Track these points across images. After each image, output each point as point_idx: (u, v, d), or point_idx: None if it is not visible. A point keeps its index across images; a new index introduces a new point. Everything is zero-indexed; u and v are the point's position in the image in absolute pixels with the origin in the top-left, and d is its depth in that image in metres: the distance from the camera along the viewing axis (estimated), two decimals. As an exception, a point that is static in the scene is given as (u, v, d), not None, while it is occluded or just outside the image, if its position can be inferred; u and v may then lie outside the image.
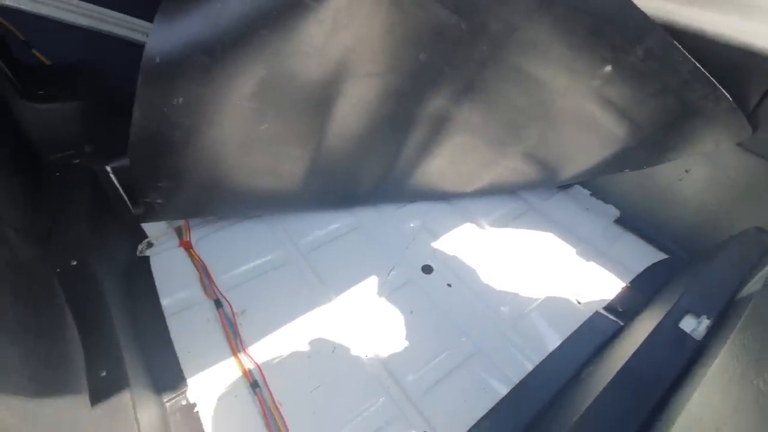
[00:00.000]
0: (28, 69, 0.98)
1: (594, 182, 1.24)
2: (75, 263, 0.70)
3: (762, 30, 0.82)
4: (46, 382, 0.45)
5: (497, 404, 0.74)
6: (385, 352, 0.83)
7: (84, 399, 0.52)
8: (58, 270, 0.66)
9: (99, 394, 0.56)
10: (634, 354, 0.72)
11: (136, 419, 0.56)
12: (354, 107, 0.87)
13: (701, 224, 1.03)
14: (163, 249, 1.01)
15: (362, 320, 0.89)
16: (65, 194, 0.81)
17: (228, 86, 0.70)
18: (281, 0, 0.62)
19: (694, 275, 0.90)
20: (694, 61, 0.80)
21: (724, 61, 0.82)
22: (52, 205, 0.79)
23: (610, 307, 0.94)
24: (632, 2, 0.74)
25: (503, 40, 0.81)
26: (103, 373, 0.59)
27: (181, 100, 0.68)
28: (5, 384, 0.38)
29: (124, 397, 0.58)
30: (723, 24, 0.85)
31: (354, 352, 0.83)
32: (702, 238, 1.03)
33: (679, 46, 0.78)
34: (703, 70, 0.80)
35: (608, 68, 0.85)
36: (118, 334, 0.64)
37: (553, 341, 0.87)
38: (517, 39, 0.81)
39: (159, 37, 0.62)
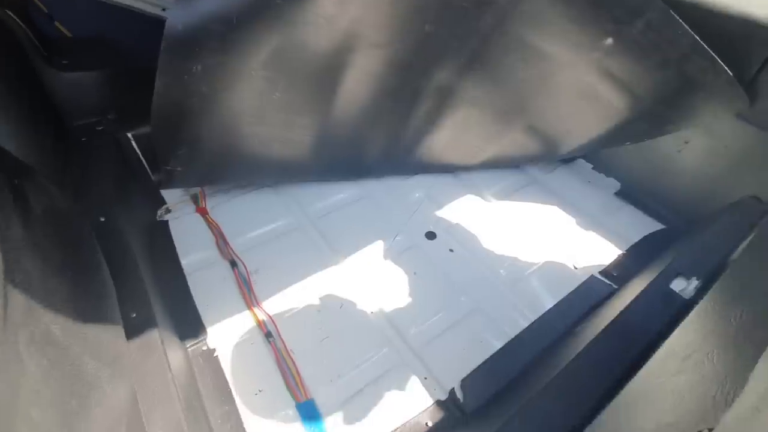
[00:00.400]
0: (51, 40, 1.03)
1: (596, 156, 1.26)
2: (103, 219, 0.76)
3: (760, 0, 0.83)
4: (90, 310, 0.51)
5: (492, 355, 0.80)
6: (389, 308, 0.89)
7: (120, 331, 0.58)
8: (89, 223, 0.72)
9: (132, 331, 0.62)
10: (625, 309, 0.76)
11: (166, 357, 0.63)
12: (361, 78, 0.90)
13: (699, 194, 1.06)
14: (180, 214, 1.06)
15: (368, 280, 0.94)
16: (91, 158, 0.86)
17: (243, 55, 0.74)
18: None
19: (688, 241, 0.94)
20: (693, 34, 0.81)
21: (722, 32, 0.84)
22: (78, 167, 0.84)
23: (605, 272, 0.98)
24: None
25: (508, 11, 0.83)
26: (134, 315, 0.66)
27: (199, 67, 0.73)
28: (56, 305, 0.44)
29: (154, 337, 0.64)
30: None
31: (360, 307, 0.89)
32: (700, 208, 1.05)
33: (679, 19, 0.80)
34: (702, 43, 0.82)
35: (609, 41, 0.86)
36: (145, 283, 0.70)
37: (548, 302, 0.92)
38: (521, 11, 0.83)
39: (181, 7, 0.66)
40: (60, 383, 0.37)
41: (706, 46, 0.82)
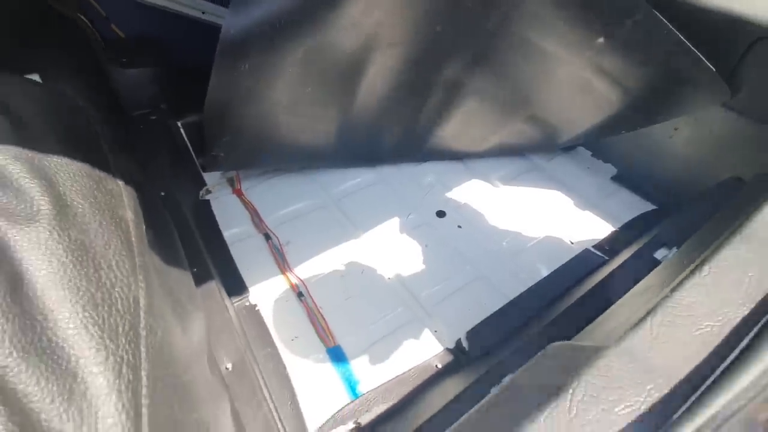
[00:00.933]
0: (108, 41, 1.18)
1: (594, 143, 1.36)
2: (164, 194, 0.90)
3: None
4: (175, 259, 0.65)
5: (494, 312, 0.92)
6: (404, 274, 1.02)
7: (191, 278, 0.72)
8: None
9: (196, 281, 0.76)
10: (610, 273, 0.88)
11: (224, 301, 0.76)
12: (379, 73, 1.03)
13: (688, 176, 1.16)
14: (219, 195, 1.20)
15: (385, 251, 1.07)
16: (148, 143, 1.01)
17: (283, 54, 0.87)
18: None
19: (674, 217, 1.04)
20: (677, 33, 0.90)
21: (705, 27, 0.93)
22: (139, 151, 0.99)
23: (598, 246, 1.09)
24: None
25: (510, 13, 0.94)
26: (195, 269, 0.80)
27: (247, 66, 0.86)
28: (160, 252, 0.57)
29: (212, 286, 0.78)
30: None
31: (379, 273, 1.02)
32: (689, 189, 1.15)
33: (664, 20, 0.89)
34: (685, 41, 0.91)
35: (601, 39, 0.97)
36: (201, 245, 0.84)
37: (545, 271, 1.03)
38: (522, 13, 0.94)
39: (235, 14, 0.79)
40: (167, 301, 0.50)
41: (689, 44, 0.91)
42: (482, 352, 0.85)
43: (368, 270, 1.03)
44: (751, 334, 0.32)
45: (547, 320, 0.84)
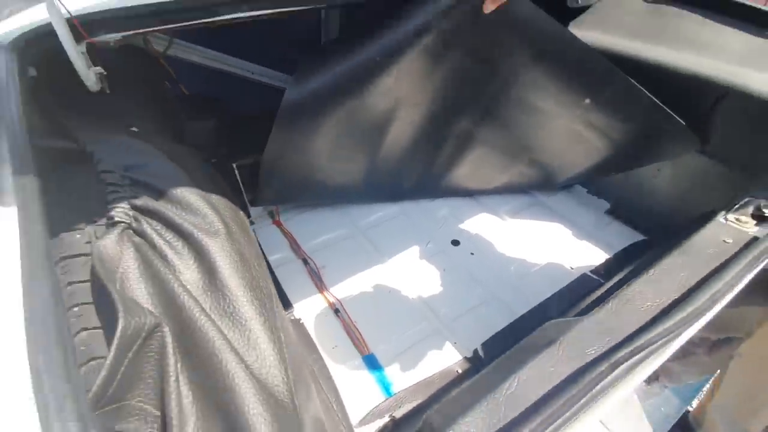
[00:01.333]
0: (177, 97, 1.41)
1: (589, 182, 1.55)
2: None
3: (705, 61, 1.12)
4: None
5: (503, 328, 1.07)
6: (425, 294, 1.17)
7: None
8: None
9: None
10: (605, 291, 1.03)
11: (277, 312, 0.92)
12: (403, 126, 1.23)
13: (672, 210, 1.32)
14: (261, 225, 1.39)
15: (408, 274, 1.23)
16: (212, 182, 1.20)
17: (328, 114, 1.08)
18: (365, 62, 0.99)
19: (656, 249, 1.20)
20: (651, 96, 1.10)
21: (679, 86, 1.12)
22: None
23: (595, 271, 1.24)
24: (599, 56, 1.07)
25: (511, 80, 1.14)
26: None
27: (300, 123, 1.07)
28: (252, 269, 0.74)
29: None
30: (676, 57, 1.16)
31: (403, 293, 1.18)
32: (673, 222, 1.31)
33: (638, 85, 1.09)
34: (658, 102, 1.10)
35: (587, 101, 1.17)
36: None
37: (549, 292, 1.18)
38: (521, 79, 1.14)
39: (294, 86, 1.00)
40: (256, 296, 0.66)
41: (661, 104, 1.11)
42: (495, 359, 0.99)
43: (394, 290, 1.19)
44: (676, 310, 0.48)
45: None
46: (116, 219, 0.53)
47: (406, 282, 1.21)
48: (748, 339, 1.08)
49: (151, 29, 0.79)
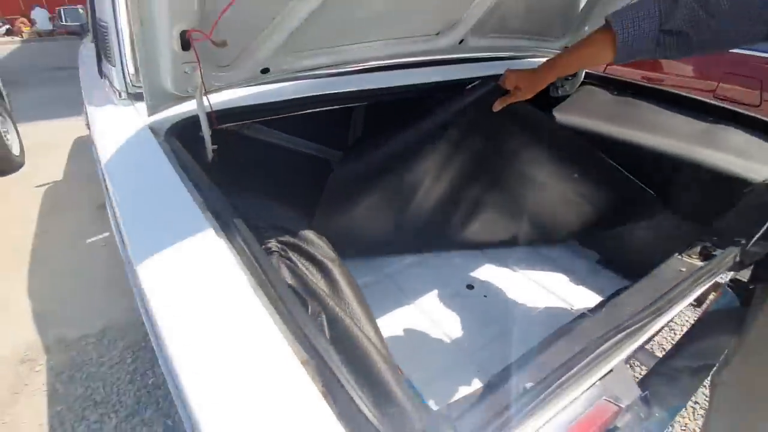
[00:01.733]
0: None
1: (581, 236, 1.81)
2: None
3: (662, 140, 1.43)
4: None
5: (517, 359, 1.25)
6: (447, 329, 1.37)
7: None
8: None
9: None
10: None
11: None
12: (426, 196, 1.52)
13: (648, 259, 1.56)
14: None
15: (431, 313, 1.44)
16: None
17: (371, 188, 1.36)
18: (402, 149, 1.30)
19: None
20: (623, 171, 1.41)
21: (642, 157, 1.42)
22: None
23: (590, 311, 1.45)
24: (582, 141, 1.39)
25: (513, 157, 1.46)
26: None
27: (344, 195, 1.34)
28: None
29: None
30: (639, 136, 1.47)
31: (427, 329, 1.37)
32: (650, 269, 1.55)
33: (613, 163, 1.40)
34: (629, 176, 1.41)
35: (576, 175, 1.48)
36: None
37: (552, 329, 1.38)
38: (521, 157, 1.46)
39: (342, 166, 1.29)
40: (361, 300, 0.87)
41: (632, 177, 1.41)
42: (512, 384, 1.16)
43: (420, 326, 1.38)
44: (647, 308, 0.71)
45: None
46: (272, 249, 0.78)
47: (429, 320, 1.41)
48: (727, 367, 1.25)
49: (256, 120, 1.09)
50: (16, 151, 3.73)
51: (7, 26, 13.38)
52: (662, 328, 1.02)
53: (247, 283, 0.58)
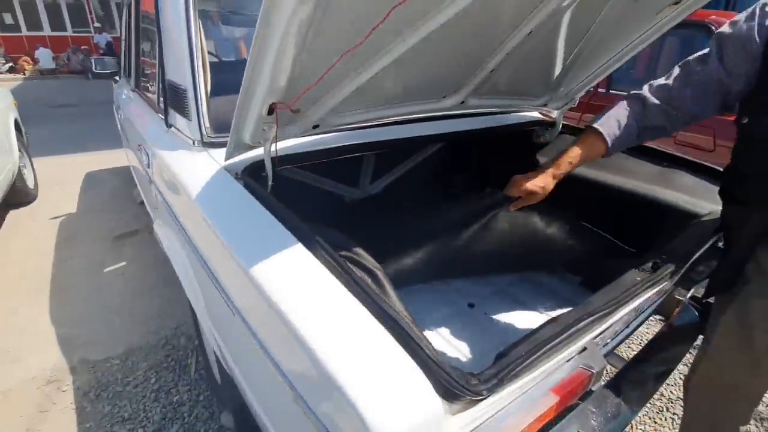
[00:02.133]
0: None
1: (566, 263, 2.06)
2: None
3: (629, 181, 1.73)
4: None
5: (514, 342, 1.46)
6: (453, 342, 1.57)
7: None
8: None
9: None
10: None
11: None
12: (443, 249, 1.80)
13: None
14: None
15: (437, 329, 1.64)
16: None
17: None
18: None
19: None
20: (597, 230, 1.71)
21: (610, 197, 1.73)
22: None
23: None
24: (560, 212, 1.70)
25: (498, 210, 1.76)
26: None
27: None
28: None
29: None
30: (608, 177, 1.77)
31: (436, 343, 1.57)
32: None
33: (585, 224, 1.72)
34: (600, 232, 1.72)
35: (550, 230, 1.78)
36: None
37: (544, 341, 1.60)
38: (506, 214, 1.77)
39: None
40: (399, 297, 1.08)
41: (603, 234, 1.72)
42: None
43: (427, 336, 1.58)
44: (611, 300, 0.97)
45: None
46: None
47: (436, 335, 1.61)
48: (696, 372, 1.45)
49: (306, 162, 1.34)
50: (30, 184, 3.90)
51: (11, 64, 13.77)
52: (632, 331, 1.26)
53: (336, 281, 0.83)
